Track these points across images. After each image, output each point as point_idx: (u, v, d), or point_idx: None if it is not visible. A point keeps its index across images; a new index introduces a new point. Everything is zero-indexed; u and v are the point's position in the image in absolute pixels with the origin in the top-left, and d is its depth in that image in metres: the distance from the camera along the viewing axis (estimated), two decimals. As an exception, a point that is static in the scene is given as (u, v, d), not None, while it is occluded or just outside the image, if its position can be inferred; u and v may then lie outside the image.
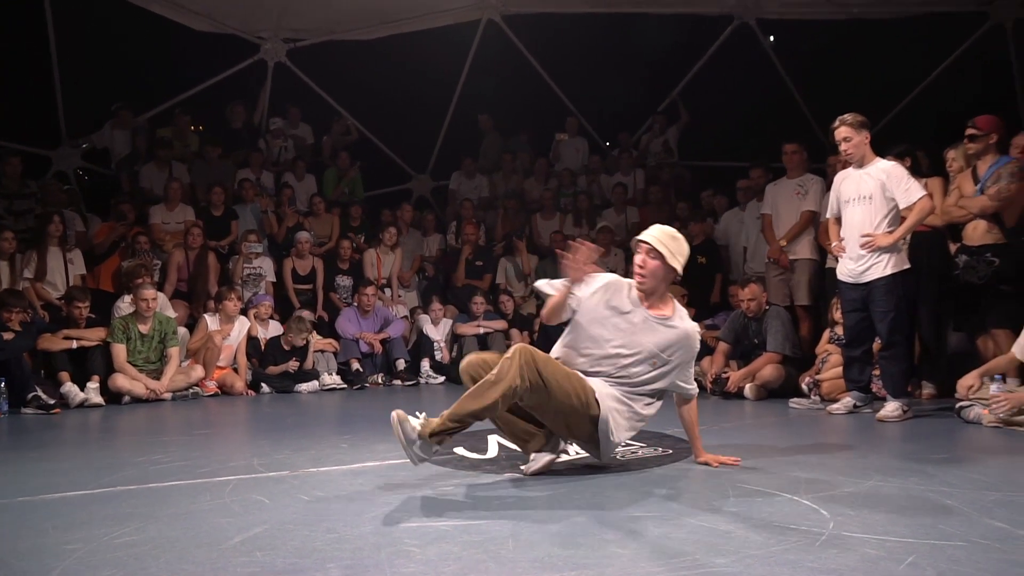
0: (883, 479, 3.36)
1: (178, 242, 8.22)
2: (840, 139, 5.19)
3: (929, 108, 10.35)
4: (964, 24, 10.32)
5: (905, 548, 2.40)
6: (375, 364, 8.19)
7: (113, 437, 5.23)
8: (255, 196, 9.28)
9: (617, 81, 11.30)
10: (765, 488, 3.20)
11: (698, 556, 2.34)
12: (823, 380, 6.08)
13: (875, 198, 5.12)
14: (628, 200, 10.13)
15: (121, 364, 6.62)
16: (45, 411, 5.89)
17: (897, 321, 5.17)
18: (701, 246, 8.38)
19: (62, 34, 9.64)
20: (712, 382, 6.51)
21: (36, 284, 7.11)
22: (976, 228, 5.60)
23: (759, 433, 4.95)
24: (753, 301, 6.60)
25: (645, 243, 3.49)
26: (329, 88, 11.33)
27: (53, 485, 3.42)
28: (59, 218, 7.33)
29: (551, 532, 2.63)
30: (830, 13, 10.63)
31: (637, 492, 3.20)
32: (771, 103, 11.12)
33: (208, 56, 10.78)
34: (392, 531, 2.66)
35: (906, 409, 5.15)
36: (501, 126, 11.64)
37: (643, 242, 3.50)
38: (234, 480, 3.48)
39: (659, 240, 3.48)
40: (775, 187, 7.34)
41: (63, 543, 2.56)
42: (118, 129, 9.63)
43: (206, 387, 7.09)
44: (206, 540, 2.57)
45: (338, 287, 8.88)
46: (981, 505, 2.90)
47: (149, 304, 6.79)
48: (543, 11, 10.99)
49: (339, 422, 5.91)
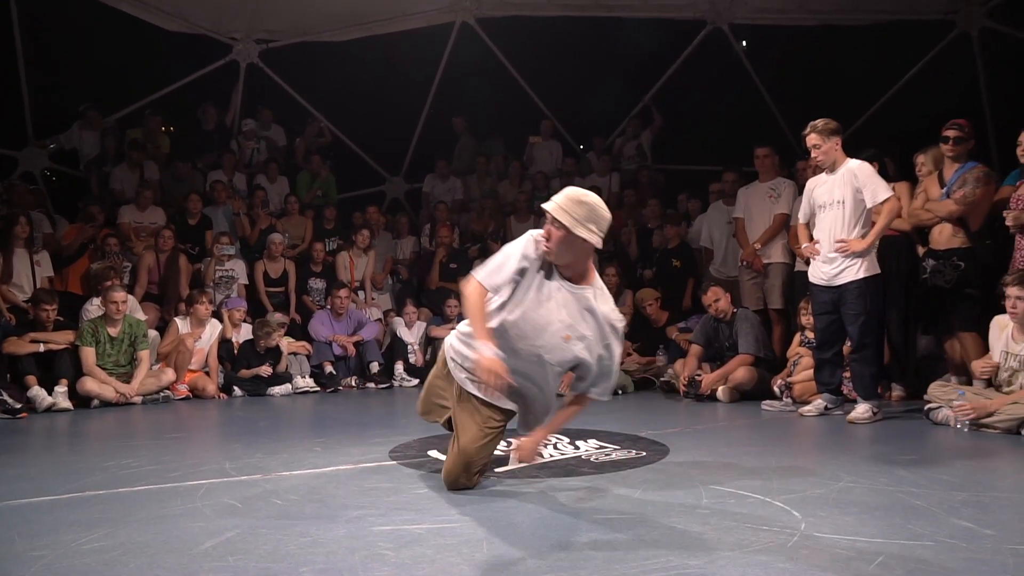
0: (853, 480, 3.40)
1: (149, 244, 8.12)
2: (810, 146, 5.25)
3: (898, 114, 10.50)
4: (931, 32, 10.48)
5: (875, 548, 2.43)
6: (348, 367, 8.14)
7: (82, 441, 5.15)
8: (227, 198, 9.19)
9: (591, 85, 11.35)
10: (737, 489, 3.23)
11: (671, 557, 2.36)
12: (795, 383, 6.14)
13: (847, 202, 5.18)
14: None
15: (90, 367, 6.52)
16: (11, 415, 5.78)
17: (868, 324, 5.23)
18: (676, 249, 8.44)
19: (28, 33, 9.49)
20: (686, 384, 6.55)
21: (1, 286, 6.98)
22: (942, 232, 5.69)
23: (732, 435, 4.99)
24: (718, 302, 6.65)
25: (547, 211, 3.05)
26: (302, 90, 11.26)
27: (19, 491, 3.36)
28: (25, 219, 7.20)
29: (525, 534, 2.64)
30: (801, 19, 10.76)
31: (610, 494, 3.21)
32: (743, 107, 11.21)
33: (179, 56, 10.65)
34: (366, 534, 2.65)
35: (876, 411, 5.22)
36: (475, 129, 11.63)
37: (545, 210, 3.06)
38: (205, 484, 3.45)
39: (560, 207, 3.00)
40: (747, 191, 7.40)
41: (30, 550, 2.52)
42: (86, 130, 9.49)
43: (177, 390, 7.01)
44: (177, 545, 2.55)
45: (311, 290, 8.82)
46: (949, 505, 2.94)
47: (119, 307, 6.69)
48: (517, 14, 11.00)
49: (312, 425, 5.87)
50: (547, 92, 11.75)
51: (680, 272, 8.33)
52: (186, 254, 8.26)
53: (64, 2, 9.38)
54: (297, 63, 11.07)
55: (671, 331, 7.82)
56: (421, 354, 8.47)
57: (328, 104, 11.32)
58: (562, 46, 11.34)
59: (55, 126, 9.75)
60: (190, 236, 8.56)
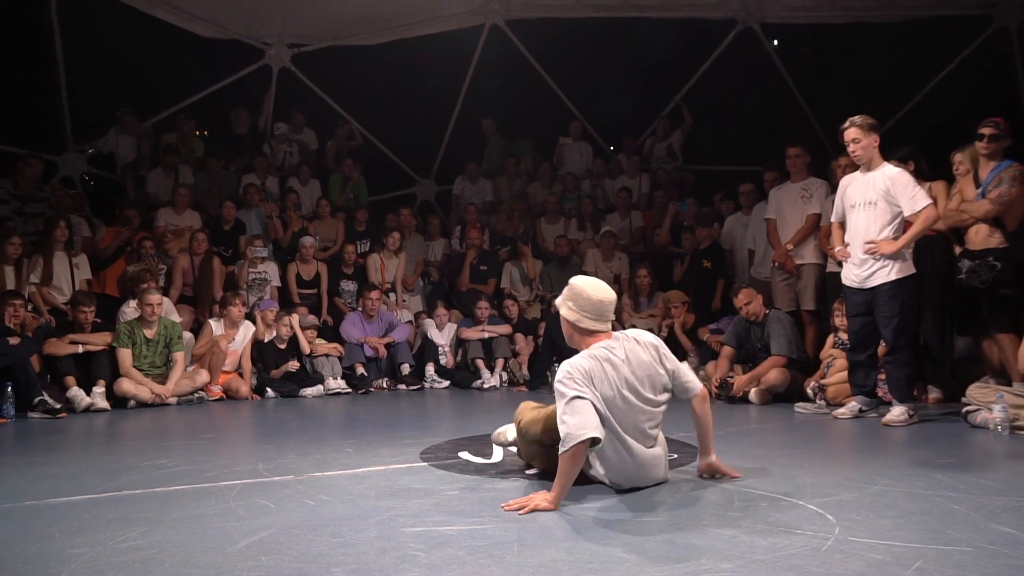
0: (889, 484, 3.34)
1: (183, 247, 8.25)
2: (849, 140, 5.18)
3: (933, 112, 10.33)
4: (968, 27, 10.31)
5: (912, 553, 2.39)
6: (379, 369, 8.20)
7: (118, 441, 5.24)
8: (260, 201, 9.31)
9: (621, 85, 11.30)
10: (770, 493, 3.20)
11: (703, 561, 2.34)
12: (828, 384, 6.07)
13: (880, 204, 5.11)
14: (632, 204, 10.13)
15: (126, 368, 6.64)
16: (51, 415, 5.91)
17: (902, 326, 5.15)
18: (707, 250, 8.37)
19: (68, 40, 9.68)
20: (717, 386, 6.50)
21: (42, 289, 7.13)
22: (978, 232, 5.59)
23: (764, 438, 4.94)
24: (749, 305, 6.59)
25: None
26: (333, 93, 11.35)
27: (59, 489, 3.43)
28: (65, 223, 7.35)
29: (556, 537, 2.63)
30: (833, 17, 10.64)
31: (642, 497, 3.19)
32: (774, 107, 11.12)
33: (213, 62, 10.82)
34: (397, 535, 2.66)
35: (912, 413, 5.14)
36: (505, 130, 11.66)
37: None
38: (239, 484, 3.49)
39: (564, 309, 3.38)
40: (779, 191, 7.33)
41: (68, 547, 2.57)
42: (123, 134, 9.68)
43: (211, 391, 7.10)
44: (211, 544, 2.58)
45: (342, 292, 8.89)
46: (988, 510, 2.89)
47: (154, 309, 6.81)
48: (546, 16, 11.01)
49: (344, 426, 5.91)
50: (577, 93, 11.74)
51: (711, 273, 8.27)
52: (220, 256, 8.37)
53: (102, 10, 9.54)
54: (328, 67, 11.17)
55: (702, 332, 7.77)
56: (452, 356, 8.49)
57: (359, 107, 11.41)
58: (591, 47, 11.33)
59: (93, 131, 9.93)
60: (223, 240, 8.68)
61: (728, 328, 6.95)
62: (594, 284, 3.39)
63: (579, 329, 3.34)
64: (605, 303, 3.33)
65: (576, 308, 3.33)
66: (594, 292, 3.33)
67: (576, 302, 3.33)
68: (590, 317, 3.31)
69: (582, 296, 3.32)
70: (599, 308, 3.32)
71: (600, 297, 3.33)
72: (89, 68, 9.87)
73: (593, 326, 3.32)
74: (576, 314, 3.32)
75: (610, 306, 3.36)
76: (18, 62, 9.70)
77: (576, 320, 3.32)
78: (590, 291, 3.33)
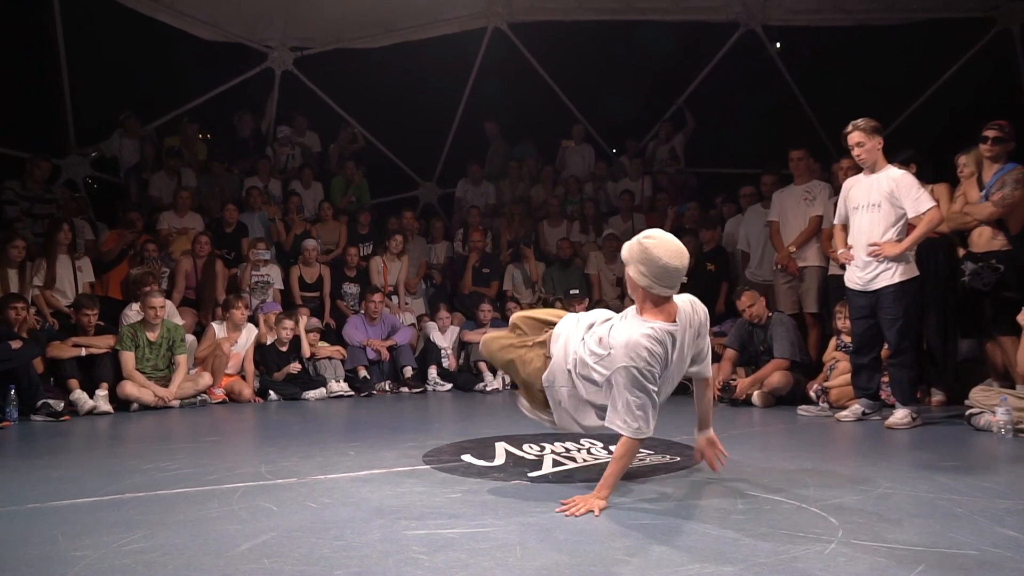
0: (892, 487, 3.34)
1: (186, 250, 8.26)
2: (853, 144, 5.17)
3: (936, 114, 10.32)
4: (971, 30, 10.29)
5: (915, 556, 2.39)
6: (382, 371, 8.20)
7: (122, 444, 5.24)
8: (262, 204, 9.32)
9: (623, 88, 11.30)
10: (773, 495, 3.19)
11: (706, 564, 2.34)
12: (831, 387, 6.06)
13: (883, 206, 5.11)
14: (635, 207, 10.13)
15: (129, 371, 6.64)
16: (54, 418, 5.91)
17: (906, 328, 5.15)
18: (711, 253, 8.36)
19: (71, 44, 9.69)
20: (720, 389, 6.49)
21: (45, 292, 7.14)
22: (981, 235, 5.59)
23: (767, 440, 4.93)
24: (752, 307, 6.59)
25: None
26: (336, 96, 11.36)
27: (62, 492, 3.43)
28: (68, 226, 7.37)
29: (558, 540, 2.63)
30: (835, 19, 10.63)
31: (644, 499, 3.19)
32: (777, 110, 11.10)
33: (216, 65, 10.83)
34: (399, 538, 2.66)
35: (915, 416, 5.13)
36: (507, 133, 11.66)
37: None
38: (242, 487, 3.49)
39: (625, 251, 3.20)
40: (782, 193, 7.32)
41: (72, 550, 2.57)
42: (127, 138, 9.69)
43: (214, 394, 7.10)
44: (214, 547, 2.58)
45: (345, 294, 8.90)
46: (992, 513, 2.88)
47: (157, 312, 6.81)
48: (549, 19, 11.00)
49: (346, 429, 5.91)
50: (579, 96, 11.74)
51: (714, 276, 8.26)
52: (222, 259, 8.38)
53: (105, 14, 9.56)
54: (331, 70, 11.17)
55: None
56: (454, 358, 8.49)
57: (361, 110, 11.41)
58: (594, 50, 11.33)
59: (96, 134, 9.95)
60: (226, 243, 8.69)
61: (731, 331, 6.95)
62: (670, 248, 3.09)
63: (650, 295, 3.11)
64: (681, 270, 3.10)
65: (648, 274, 3.06)
66: (670, 258, 3.05)
67: (649, 267, 3.07)
68: (662, 284, 3.07)
69: (657, 263, 3.05)
70: (673, 275, 3.09)
71: (677, 264, 3.07)
72: (92, 71, 9.88)
73: (664, 292, 3.10)
74: (647, 279, 3.07)
75: (684, 271, 3.12)
76: (21, 66, 9.72)
77: (648, 286, 3.08)
78: (666, 258, 3.05)
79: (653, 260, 3.06)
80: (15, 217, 7.75)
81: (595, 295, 8.84)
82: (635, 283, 3.14)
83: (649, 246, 3.09)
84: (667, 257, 3.05)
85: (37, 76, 9.98)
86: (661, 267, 3.05)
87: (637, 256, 3.10)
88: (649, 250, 3.07)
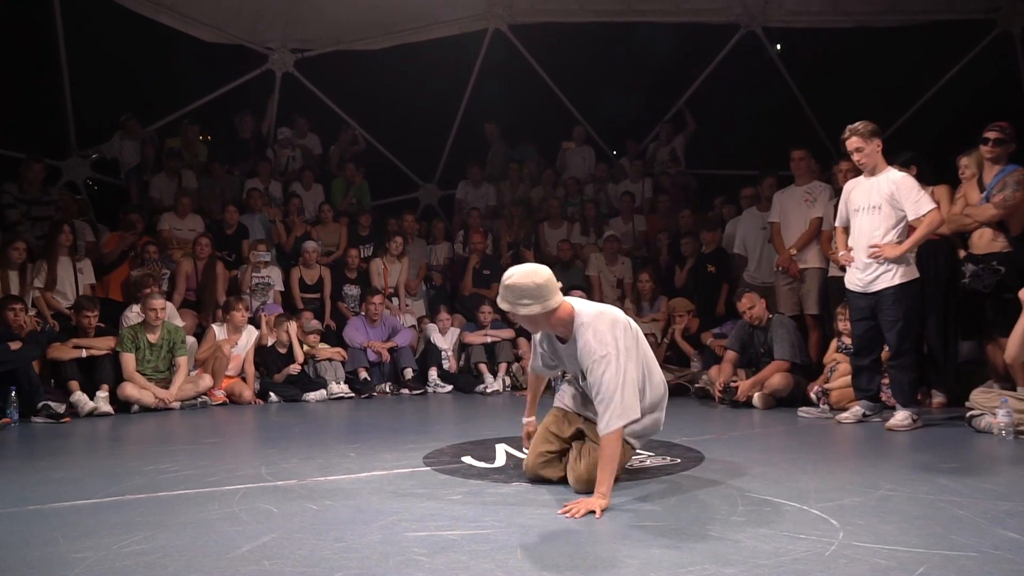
0: (893, 488, 3.34)
1: (186, 251, 8.26)
2: (852, 149, 5.17)
3: (936, 116, 10.32)
4: (971, 32, 10.30)
5: (915, 558, 2.39)
6: (383, 373, 8.19)
7: (122, 446, 5.25)
8: (263, 206, 9.32)
9: (624, 90, 11.31)
10: (774, 498, 3.19)
11: (707, 566, 2.34)
12: (832, 389, 6.06)
13: (884, 208, 5.11)
14: (635, 209, 10.14)
15: (130, 373, 6.65)
16: (55, 420, 5.91)
17: (906, 330, 5.14)
18: (712, 255, 8.36)
19: (72, 45, 9.70)
20: (721, 391, 6.49)
21: (46, 293, 7.14)
22: (982, 236, 5.59)
23: (767, 442, 4.93)
24: (753, 309, 6.59)
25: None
26: (337, 98, 11.36)
27: (63, 494, 3.43)
28: (69, 228, 7.37)
29: (559, 542, 2.63)
30: (836, 21, 10.63)
31: (646, 501, 3.19)
32: (778, 111, 11.11)
33: (216, 67, 10.84)
34: (400, 540, 2.66)
35: (916, 418, 5.12)
36: (508, 135, 11.65)
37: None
38: (242, 489, 3.49)
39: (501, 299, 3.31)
40: (782, 195, 7.32)
41: (72, 552, 2.57)
42: (127, 139, 9.69)
43: (214, 396, 7.10)
44: (214, 549, 2.58)
45: (346, 296, 8.90)
46: (993, 515, 2.88)
47: (157, 314, 6.81)
48: (549, 20, 11.02)
49: (347, 431, 5.91)
50: (580, 98, 11.75)
51: (715, 277, 8.26)
52: (223, 261, 8.38)
53: (105, 15, 9.57)
54: (331, 72, 11.18)
55: (706, 337, 7.76)
56: (455, 360, 8.49)
57: (362, 112, 11.42)
58: (595, 52, 11.34)
59: (97, 136, 9.96)
60: (227, 245, 8.70)
61: (731, 332, 6.94)
62: (530, 271, 3.29)
63: (555, 310, 3.27)
64: (551, 277, 3.29)
65: (538, 300, 3.22)
66: (538, 276, 3.25)
67: (532, 295, 3.22)
68: (554, 293, 3.26)
69: (532, 288, 3.22)
70: (552, 282, 3.28)
71: (546, 275, 3.27)
72: (93, 73, 9.89)
73: (559, 296, 3.30)
74: (541, 304, 3.22)
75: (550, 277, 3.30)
76: (22, 67, 9.73)
77: (545, 306, 3.23)
78: (535, 278, 3.24)
79: (529, 288, 3.22)
80: (16, 220, 7.75)
81: (596, 297, 8.83)
82: (537, 317, 3.27)
83: (516, 283, 3.24)
84: (536, 277, 3.24)
85: (38, 78, 10.00)
86: (539, 287, 3.22)
87: (516, 299, 3.24)
88: (520, 286, 3.23)
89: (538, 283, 3.24)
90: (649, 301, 8.55)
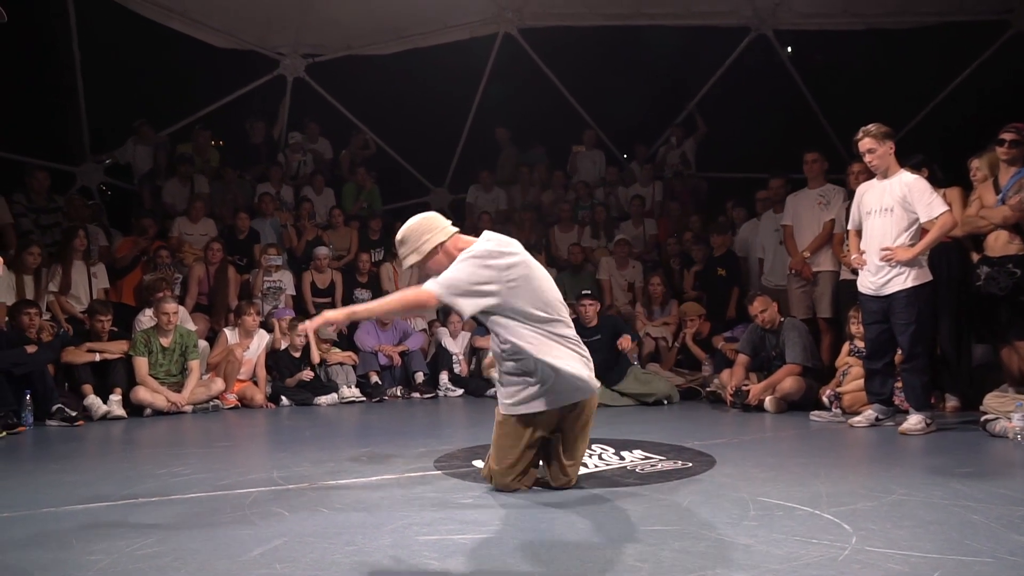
0: (907, 493, 3.32)
1: (199, 256, 8.31)
2: (864, 150, 5.15)
3: (949, 118, 10.26)
4: (984, 33, 10.23)
5: (930, 564, 2.37)
6: (394, 377, 8.20)
7: (135, 449, 5.27)
8: (274, 210, 9.37)
9: (634, 93, 11.30)
10: (786, 502, 3.18)
11: (718, 570, 2.33)
12: (844, 392, 6.02)
13: (896, 211, 5.09)
14: (646, 212, 10.12)
15: (143, 377, 6.68)
16: (69, 423, 5.95)
17: (919, 333, 5.11)
18: (722, 258, 8.34)
19: (86, 52, 9.78)
20: (732, 394, 6.47)
21: (60, 298, 7.19)
22: (998, 239, 5.54)
23: (779, 446, 4.91)
24: (765, 312, 6.57)
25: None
26: (347, 103, 11.41)
27: (76, 496, 3.45)
28: (83, 233, 7.42)
29: (570, 545, 2.63)
30: (847, 23, 10.58)
31: (656, 505, 3.18)
32: (789, 114, 11.07)
33: (228, 72, 10.90)
34: (411, 544, 2.66)
35: (929, 422, 5.09)
36: (518, 139, 11.67)
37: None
38: (254, 492, 3.50)
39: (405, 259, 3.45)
40: (796, 197, 7.29)
41: (86, 554, 2.59)
42: (140, 145, 9.76)
43: (226, 400, 7.13)
44: (226, 552, 2.59)
45: (357, 300, 8.90)
46: (1008, 520, 2.86)
47: (170, 318, 6.85)
48: (559, 24, 11.02)
49: (358, 435, 5.92)
50: (590, 101, 11.74)
51: (725, 281, 8.23)
52: (235, 266, 8.41)
53: (119, 22, 9.65)
54: (342, 77, 11.22)
55: (717, 340, 7.74)
56: (466, 364, 8.49)
57: (373, 116, 11.46)
58: (604, 55, 11.34)
59: (110, 142, 10.04)
60: (238, 249, 8.73)
61: (743, 336, 6.92)
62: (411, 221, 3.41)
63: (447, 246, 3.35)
64: (425, 219, 3.40)
65: (425, 243, 3.34)
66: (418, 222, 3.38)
67: (418, 242, 3.34)
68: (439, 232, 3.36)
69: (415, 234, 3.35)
70: (434, 221, 3.38)
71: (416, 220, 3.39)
72: (107, 79, 9.97)
73: (449, 231, 3.38)
74: (417, 252, 3.34)
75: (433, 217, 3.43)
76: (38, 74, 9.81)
77: (420, 251, 3.34)
78: (415, 225, 3.38)
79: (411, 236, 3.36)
80: (28, 229, 7.79)
81: (606, 300, 8.83)
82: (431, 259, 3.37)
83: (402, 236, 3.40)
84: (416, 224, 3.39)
85: (53, 84, 10.08)
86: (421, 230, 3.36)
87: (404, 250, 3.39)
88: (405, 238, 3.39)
89: (404, 233, 3.36)
90: (660, 305, 8.53)
